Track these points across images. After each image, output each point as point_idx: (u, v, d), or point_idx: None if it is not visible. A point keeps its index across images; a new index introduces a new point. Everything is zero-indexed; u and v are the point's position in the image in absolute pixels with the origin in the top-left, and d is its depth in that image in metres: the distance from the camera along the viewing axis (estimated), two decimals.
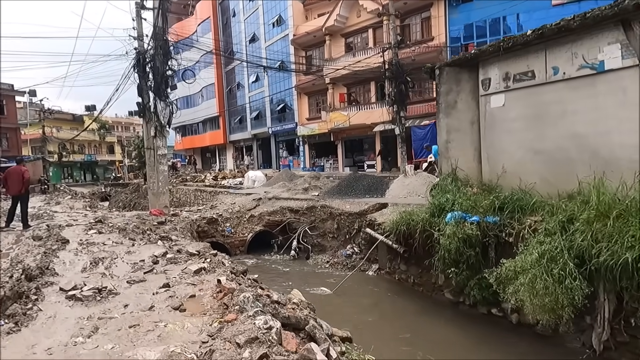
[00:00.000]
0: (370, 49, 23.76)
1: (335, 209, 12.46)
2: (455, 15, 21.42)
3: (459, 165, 8.83)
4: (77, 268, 6.08)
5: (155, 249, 7.33)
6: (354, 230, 11.61)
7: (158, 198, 14.08)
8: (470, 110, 8.74)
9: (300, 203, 13.92)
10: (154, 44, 13.40)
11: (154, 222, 11.37)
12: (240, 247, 13.40)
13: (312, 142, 30.76)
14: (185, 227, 11.69)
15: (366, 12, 23.94)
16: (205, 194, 22.30)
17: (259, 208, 14.60)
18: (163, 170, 14.06)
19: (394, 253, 9.55)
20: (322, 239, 12.75)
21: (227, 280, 4.15)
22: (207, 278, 4.61)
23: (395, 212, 10.74)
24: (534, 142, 7.44)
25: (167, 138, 14.10)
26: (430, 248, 7.85)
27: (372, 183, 13.70)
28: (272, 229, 13.75)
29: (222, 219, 13.66)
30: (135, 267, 5.88)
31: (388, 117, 23.06)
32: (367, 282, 10.02)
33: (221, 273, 4.72)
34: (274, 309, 3.30)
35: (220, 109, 40.39)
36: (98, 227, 10.12)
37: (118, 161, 60.57)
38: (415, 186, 12.67)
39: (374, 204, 11.85)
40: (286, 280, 10.45)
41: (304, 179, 16.20)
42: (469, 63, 8.58)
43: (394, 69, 19.30)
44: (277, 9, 31.64)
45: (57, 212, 16.17)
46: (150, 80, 13.89)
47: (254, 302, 3.29)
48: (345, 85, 27.06)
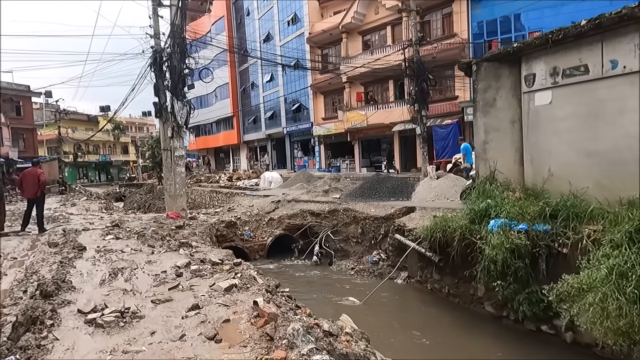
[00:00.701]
0: (389, 47, 23.15)
1: (359, 212, 11.92)
2: (477, 10, 20.68)
3: (497, 167, 8.22)
4: (95, 280, 5.65)
5: (176, 258, 6.89)
6: (380, 236, 11.05)
7: (175, 201, 13.69)
8: (510, 109, 8.11)
9: (322, 206, 13.40)
10: (171, 41, 13.02)
11: (172, 227, 10.96)
12: (260, 252, 12.93)
13: (327, 142, 30.22)
14: (204, 231, 11.26)
15: (385, 8, 23.32)
16: (221, 195, 21.95)
17: (278, 211, 14.12)
18: (180, 172, 13.65)
19: (425, 261, 8.97)
20: (345, 243, 12.22)
21: (264, 302, 3.65)
22: (241, 297, 4.12)
23: (424, 216, 10.18)
24: (587, 143, 6.80)
25: (184, 139, 13.70)
26: (470, 257, 7.26)
27: (397, 185, 13.11)
28: (293, 233, 13.26)
29: (240, 222, 13.21)
30: (157, 280, 5.42)
31: (408, 116, 22.51)
32: (397, 291, 9.46)
33: (256, 292, 4.22)
34: (328, 344, 2.79)
35: (234, 109, 40.12)
36: (115, 232, 9.74)
37: (132, 161, 60.83)
38: (443, 189, 12.07)
39: (400, 207, 11.28)
40: (310, 289, 9.94)
41: (324, 180, 15.68)
42: (510, 57, 7.96)
43: (415, 67, 18.68)
44: (293, 7, 31.19)
45: (72, 215, 15.93)
46: (167, 79, 13.52)
47: (304, 335, 2.78)
48: (362, 84, 26.47)
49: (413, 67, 18.76)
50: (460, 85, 20.88)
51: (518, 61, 7.88)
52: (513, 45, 7.89)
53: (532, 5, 19.00)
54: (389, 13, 23.60)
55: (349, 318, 3.79)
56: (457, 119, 20.03)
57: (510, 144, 8.15)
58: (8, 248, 8.57)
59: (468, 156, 14.77)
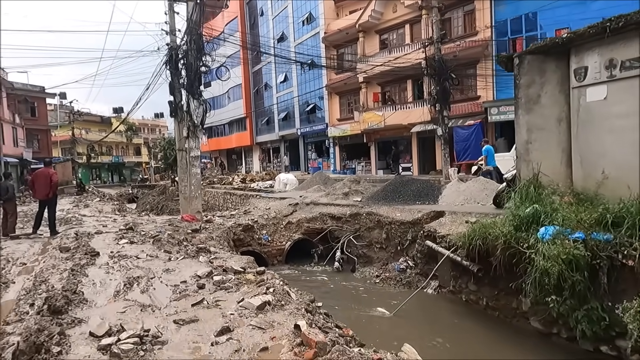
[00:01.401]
0: (407, 46, 22.50)
1: (383, 216, 11.29)
2: (501, 7, 19.93)
3: (542, 169, 7.54)
4: (109, 291, 5.14)
5: (196, 266, 6.35)
6: (407, 242, 10.42)
7: (190, 203, 13.21)
8: (557, 106, 7.45)
9: (342, 209, 12.81)
10: (187, 38, 12.57)
11: (187, 230, 10.47)
12: (278, 257, 12.38)
13: (343, 143, 29.61)
14: (222, 235, 10.75)
15: (403, 6, 22.68)
16: (235, 197, 21.49)
17: (297, 214, 13.56)
18: (196, 173, 13.18)
19: (460, 270, 8.31)
20: (368, 249, 11.60)
21: (308, 327, 3.07)
22: (277, 318, 3.54)
23: (455, 221, 9.53)
24: None
25: (200, 139, 13.23)
26: (515, 268, 6.60)
27: (422, 188, 12.45)
28: (312, 237, 12.68)
29: (257, 225, 12.68)
30: (177, 292, 4.89)
31: (428, 117, 21.80)
32: (427, 301, 8.82)
33: (293, 311, 3.65)
34: None
35: (247, 110, 39.75)
36: (129, 235, 9.27)
37: (144, 163, 60.93)
38: (473, 192, 11.38)
39: (427, 211, 10.63)
40: (334, 298, 9.34)
41: (343, 183, 15.08)
42: (558, 50, 7.30)
43: (437, 65, 18.02)
44: (307, 6, 30.72)
45: (85, 216, 15.56)
46: (183, 77, 13.09)
47: None
48: (379, 84, 25.84)
49: (434, 65, 18.14)
50: (483, 85, 20.14)
51: (566, 53, 7.21)
52: (562, 36, 7.22)
53: (559, 2, 18.21)
54: (408, 11, 22.98)
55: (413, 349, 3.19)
56: (480, 119, 19.29)
57: (557, 144, 7.48)
58: (18, 252, 8.15)
59: (490, 159, 14.00)
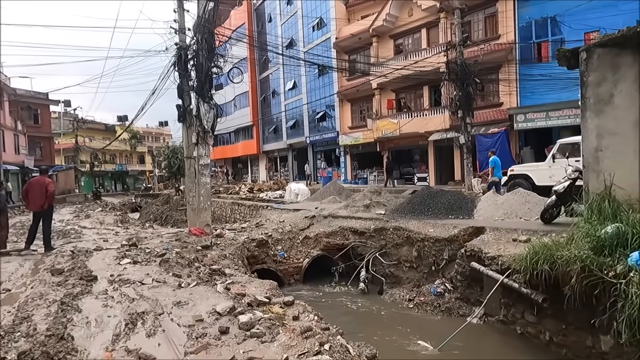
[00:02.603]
0: (425, 50, 21.54)
1: (413, 232, 10.16)
2: (525, 9, 18.97)
3: (615, 180, 6.44)
4: (106, 333, 4.05)
5: (213, 297, 5.26)
6: (443, 261, 9.28)
7: (199, 215, 12.15)
8: (633, 106, 6.36)
9: (365, 223, 11.70)
10: (198, 36, 11.61)
11: (197, 247, 9.39)
12: (295, 275, 11.25)
13: (354, 152, 28.54)
14: (235, 252, 9.65)
15: (420, 9, 21.77)
16: (244, 208, 20.43)
17: (314, 228, 12.47)
18: (205, 182, 12.14)
19: (512, 297, 7.16)
20: (396, 268, 10.46)
21: None
22: None
23: (500, 239, 8.42)
24: None
25: (210, 146, 12.21)
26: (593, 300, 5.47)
27: (453, 201, 11.33)
28: (332, 254, 11.57)
29: (272, 240, 11.58)
30: (193, 337, 3.80)
31: (447, 124, 20.80)
32: (473, 332, 7.63)
33: None
34: None
35: (254, 117, 38.87)
36: (133, 253, 8.18)
37: (148, 171, 60.05)
38: (513, 206, 10.26)
39: (465, 227, 9.50)
40: (363, 325, 8.19)
41: (363, 194, 13.98)
42: (636, 41, 6.24)
43: (459, 70, 17.03)
44: (318, 11, 29.94)
45: (86, 228, 14.54)
46: (193, 79, 12.12)
47: None
48: (393, 91, 24.85)
49: (457, 70, 17.15)
50: (506, 90, 19.12)
51: None
52: None
53: (588, 4, 17.22)
54: (425, 14, 22.07)
55: None
56: (505, 127, 18.20)
57: (633, 151, 6.38)
58: (4, 274, 7.06)
59: (496, 170, 13.73)
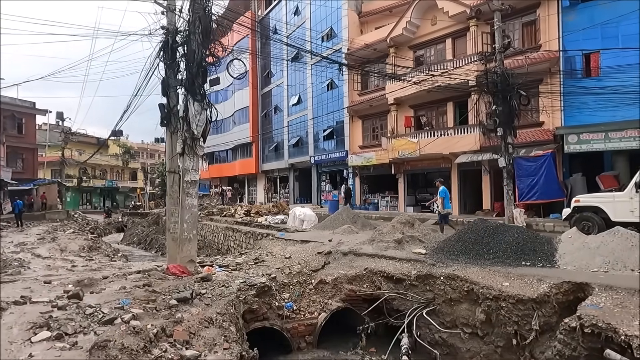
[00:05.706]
0: (450, 62, 19.07)
1: (478, 284, 7.23)
2: (570, 17, 16.60)
3: None
4: None
5: None
6: (532, 333, 6.33)
7: (181, 247, 9.18)
8: None
9: (401, 266, 8.78)
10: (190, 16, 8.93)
11: (171, 300, 6.40)
12: (307, 337, 8.21)
13: (364, 174, 25.70)
14: (225, 308, 6.64)
15: (447, 16, 19.41)
16: (240, 235, 17.45)
17: (331, 269, 9.55)
18: (191, 205, 9.18)
19: None
20: (450, 334, 7.49)
21: None
22: None
23: (626, 306, 5.56)
24: None
25: (200, 157, 9.36)
26: None
27: (522, 240, 8.43)
28: (357, 306, 8.61)
29: (276, 285, 8.61)
30: None
31: (477, 145, 18.14)
32: None
33: None
34: None
35: (254, 134, 36.21)
36: (63, 318, 5.19)
37: (139, 188, 56.89)
38: (615, 251, 7.38)
39: (557, 282, 6.60)
40: None
41: (392, 225, 11.05)
42: None
43: (500, 80, 14.46)
44: (328, 21, 27.73)
45: (38, 257, 11.49)
46: (182, 71, 9.40)
47: None
48: (411, 107, 22.27)
49: (496, 81, 14.59)
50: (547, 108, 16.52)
51: None
52: None
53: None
54: (451, 22, 19.72)
55: None
56: (552, 149, 15.49)
57: None
58: None
59: (446, 201, 12.95)
